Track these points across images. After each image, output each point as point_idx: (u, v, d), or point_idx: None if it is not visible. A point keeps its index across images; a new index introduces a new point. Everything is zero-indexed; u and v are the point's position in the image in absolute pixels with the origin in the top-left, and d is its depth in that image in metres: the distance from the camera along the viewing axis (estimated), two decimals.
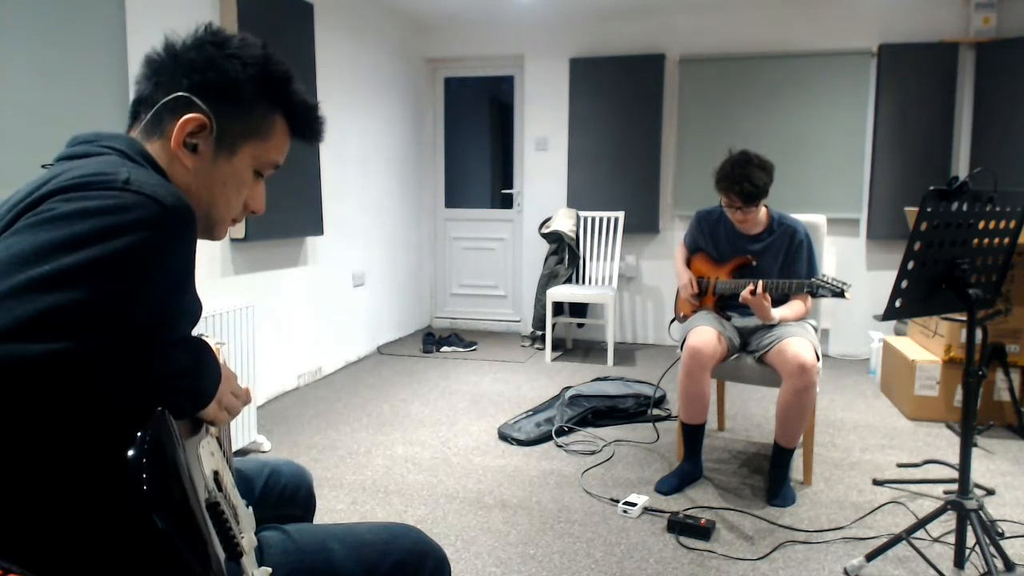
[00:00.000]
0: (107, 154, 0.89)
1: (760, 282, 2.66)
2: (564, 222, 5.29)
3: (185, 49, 0.96)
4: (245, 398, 1.03)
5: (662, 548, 2.33)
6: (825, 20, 5.05)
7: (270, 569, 1.00)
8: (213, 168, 0.98)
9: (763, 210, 2.90)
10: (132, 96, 0.99)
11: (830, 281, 2.61)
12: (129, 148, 0.91)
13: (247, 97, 0.97)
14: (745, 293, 2.66)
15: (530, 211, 5.75)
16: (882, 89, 4.92)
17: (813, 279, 2.67)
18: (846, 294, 2.57)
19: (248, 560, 0.94)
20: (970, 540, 2.12)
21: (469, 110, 6.49)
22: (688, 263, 3.11)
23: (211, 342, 1.28)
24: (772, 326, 2.79)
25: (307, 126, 1.04)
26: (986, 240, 2.09)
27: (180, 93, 0.94)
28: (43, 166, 0.91)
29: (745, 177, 2.68)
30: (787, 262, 2.86)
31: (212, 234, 1.03)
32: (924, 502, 2.68)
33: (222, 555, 0.83)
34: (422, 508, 2.62)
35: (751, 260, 2.89)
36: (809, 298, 2.83)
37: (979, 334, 2.64)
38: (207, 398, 0.91)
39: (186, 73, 0.95)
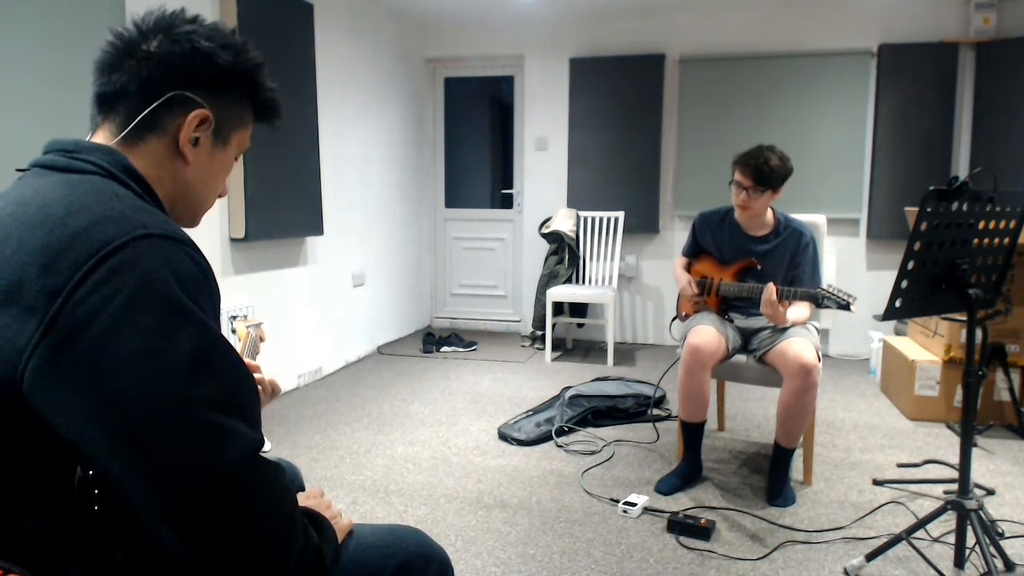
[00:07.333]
0: (89, 172, 0.85)
1: (778, 288, 2.64)
2: (564, 222, 5.29)
3: (159, 41, 0.91)
4: (271, 390, 1.23)
5: (662, 548, 2.33)
6: (825, 20, 5.05)
7: None
8: (211, 160, 0.97)
9: (769, 212, 2.90)
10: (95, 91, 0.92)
11: (837, 293, 2.59)
12: (113, 165, 0.87)
13: (234, 86, 0.97)
14: (766, 296, 2.64)
15: (530, 211, 5.75)
16: (882, 89, 4.92)
17: (820, 289, 2.64)
18: (852, 307, 2.55)
19: None
20: (970, 540, 2.12)
21: (469, 110, 6.49)
22: (689, 268, 3.11)
23: (246, 324, 1.33)
24: (774, 327, 2.79)
25: (274, 111, 1.03)
26: (986, 240, 2.09)
27: (178, 91, 0.91)
28: (18, 170, 0.89)
29: (763, 157, 2.75)
30: (792, 265, 2.86)
31: (196, 223, 1.03)
32: (924, 502, 2.68)
33: None
34: (422, 508, 2.62)
35: (755, 263, 2.89)
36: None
37: (979, 334, 2.64)
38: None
39: (170, 67, 0.90)
